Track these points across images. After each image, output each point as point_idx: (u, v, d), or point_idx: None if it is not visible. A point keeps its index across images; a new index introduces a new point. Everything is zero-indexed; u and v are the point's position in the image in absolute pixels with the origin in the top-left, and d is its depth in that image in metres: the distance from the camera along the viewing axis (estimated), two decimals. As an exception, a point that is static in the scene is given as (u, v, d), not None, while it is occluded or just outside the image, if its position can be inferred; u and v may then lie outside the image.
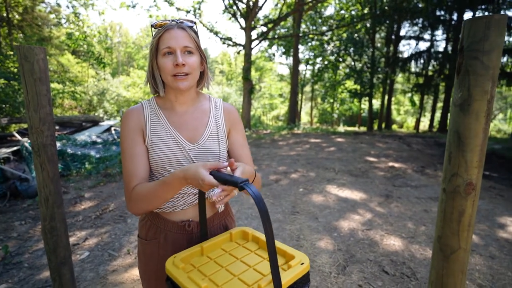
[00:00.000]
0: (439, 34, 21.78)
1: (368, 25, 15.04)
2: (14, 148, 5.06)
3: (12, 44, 11.72)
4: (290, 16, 12.91)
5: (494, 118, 27.44)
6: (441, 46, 16.71)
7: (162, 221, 0.99)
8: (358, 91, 16.67)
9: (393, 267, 2.28)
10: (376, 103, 20.99)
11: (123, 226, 3.08)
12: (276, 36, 15.44)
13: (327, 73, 19.82)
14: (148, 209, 0.90)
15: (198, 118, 1.01)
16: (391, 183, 4.40)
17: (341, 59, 17.71)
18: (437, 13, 14.40)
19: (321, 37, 16.62)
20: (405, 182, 4.48)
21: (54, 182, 1.26)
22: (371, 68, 15.23)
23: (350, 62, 17.60)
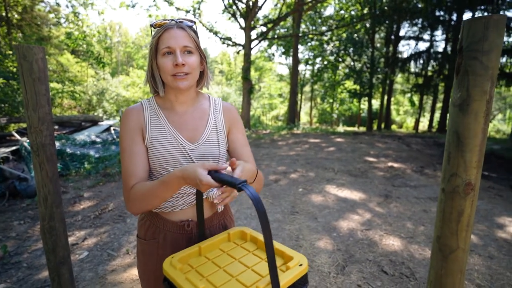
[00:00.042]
0: (439, 34, 21.87)
1: (367, 25, 15.05)
2: (13, 147, 5.05)
3: (11, 43, 11.70)
4: (289, 16, 12.91)
5: (493, 118, 27.48)
6: (440, 46, 16.69)
7: (161, 221, 0.99)
8: (357, 91, 16.70)
9: (392, 267, 2.28)
10: (375, 103, 21.01)
11: (122, 226, 3.08)
12: (275, 36, 15.43)
13: (327, 73, 19.84)
14: (146, 208, 0.90)
15: (198, 117, 1.00)
16: (391, 183, 4.40)
17: (340, 59, 17.72)
18: (436, 13, 14.44)
19: (320, 37, 16.63)
20: (404, 182, 4.48)
21: (53, 181, 1.26)
22: (371, 68, 15.25)
23: (350, 62, 17.61)
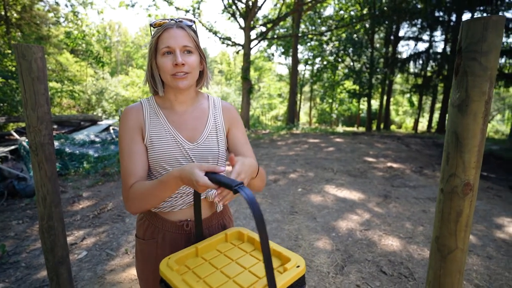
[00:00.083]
0: (438, 35, 21.92)
1: (367, 25, 15.06)
2: (12, 147, 5.04)
3: (10, 42, 11.66)
4: (289, 16, 12.91)
5: (492, 119, 27.54)
6: (439, 47, 16.71)
7: (160, 220, 0.99)
8: (357, 92, 16.72)
9: (391, 267, 2.29)
10: (374, 104, 21.02)
11: (121, 226, 3.07)
12: (275, 36, 15.43)
13: (326, 73, 19.85)
14: (145, 208, 0.89)
15: (198, 117, 1.00)
16: (390, 184, 4.40)
17: (340, 60, 17.73)
18: (436, 14, 14.46)
19: (320, 37, 16.63)
20: (403, 182, 4.49)
21: (52, 181, 1.25)
22: (370, 68, 15.26)
23: (349, 63, 17.62)
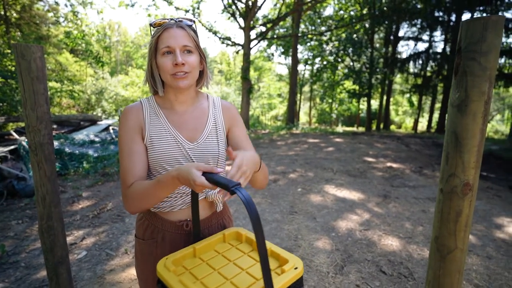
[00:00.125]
0: (438, 35, 21.88)
1: (367, 25, 15.06)
2: (12, 147, 5.04)
3: (9, 42, 11.65)
4: (289, 16, 12.90)
5: (492, 119, 27.57)
6: (439, 47, 16.73)
7: (160, 220, 0.98)
8: (356, 92, 16.73)
9: (390, 267, 2.29)
10: (374, 104, 21.03)
11: (121, 226, 3.07)
12: (275, 36, 15.43)
13: (326, 73, 19.85)
14: (144, 207, 0.89)
15: (198, 117, 1.00)
16: (389, 184, 4.41)
17: (340, 59, 17.73)
18: (435, 14, 14.48)
19: (320, 37, 16.63)
20: (403, 182, 4.49)
21: (51, 181, 1.25)
22: (370, 68, 15.27)
23: (349, 63, 17.63)
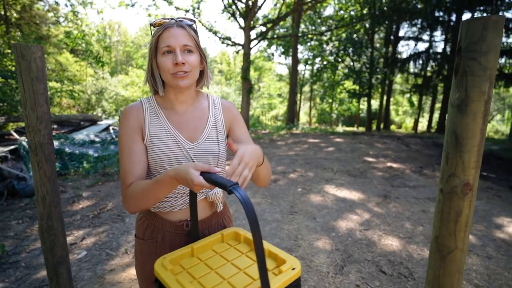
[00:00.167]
0: (438, 35, 21.92)
1: (367, 25, 15.06)
2: (12, 147, 5.05)
3: (9, 42, 11.66)
4: (289, 16, 12.89)
5: (492, 119, 27.55)
6: (439, 47, 16.72)
7: (160, 221, 0.98)
8: (357, 91, 16.71)
9: (390, 267, 2.29)
10: (374, 104, 21.03)
11: (121, 226, 3.07)
12: (275, 36, 15.42)
13: (326, 73, 19.84)
14: (143, 207, 0.89)
15: (198, 117, 1.00)
16: (389, 184, 4.40)
17: (340, 59, 17.72)
18: (436, 14, 14.46)
19: (320, 37, 16.62)
20: (403, 182, 4.49)
21: (51, 181, 1.25)
22: (370, 68, 15.26)
23: (349, 63, 17.61)
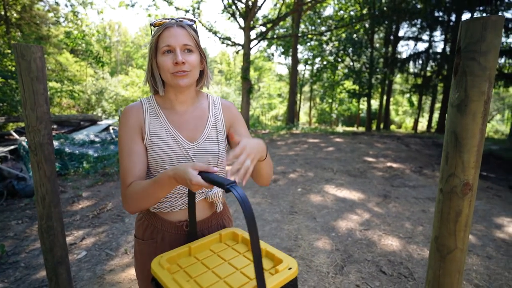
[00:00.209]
0: (438, 35, 21.87)
1: (367, 25, 15.06)
2: (12, 147, 5.05)
3: (10, 42, 11.66)
4: (289, 16, 12.89)
5: (492, 119, 27.56)
6: (439, 47, 16.74)
7: (160, 221, 0.98)
8: (356, 91, 16.72)
9: (390, 267, 2.29)
10: (374, 104, 21.03)
11: (121, 226, 3.07)
12: (275, 36, 15.42)
13: (326, 73, 19.85)
14: (142, 207, 0.89)
15: (198, 117, 1.00)
16: (389, 183, 4.40)
17: (340, 59, 17.72)
18: (435, 14, 14.47)
19: (320, 37, 16.62)
20: (403, 182, 4.49)
21: (51, 181, 1.25)
22: (370, 68, 15.26)
23: (349, 63, 17.62)
